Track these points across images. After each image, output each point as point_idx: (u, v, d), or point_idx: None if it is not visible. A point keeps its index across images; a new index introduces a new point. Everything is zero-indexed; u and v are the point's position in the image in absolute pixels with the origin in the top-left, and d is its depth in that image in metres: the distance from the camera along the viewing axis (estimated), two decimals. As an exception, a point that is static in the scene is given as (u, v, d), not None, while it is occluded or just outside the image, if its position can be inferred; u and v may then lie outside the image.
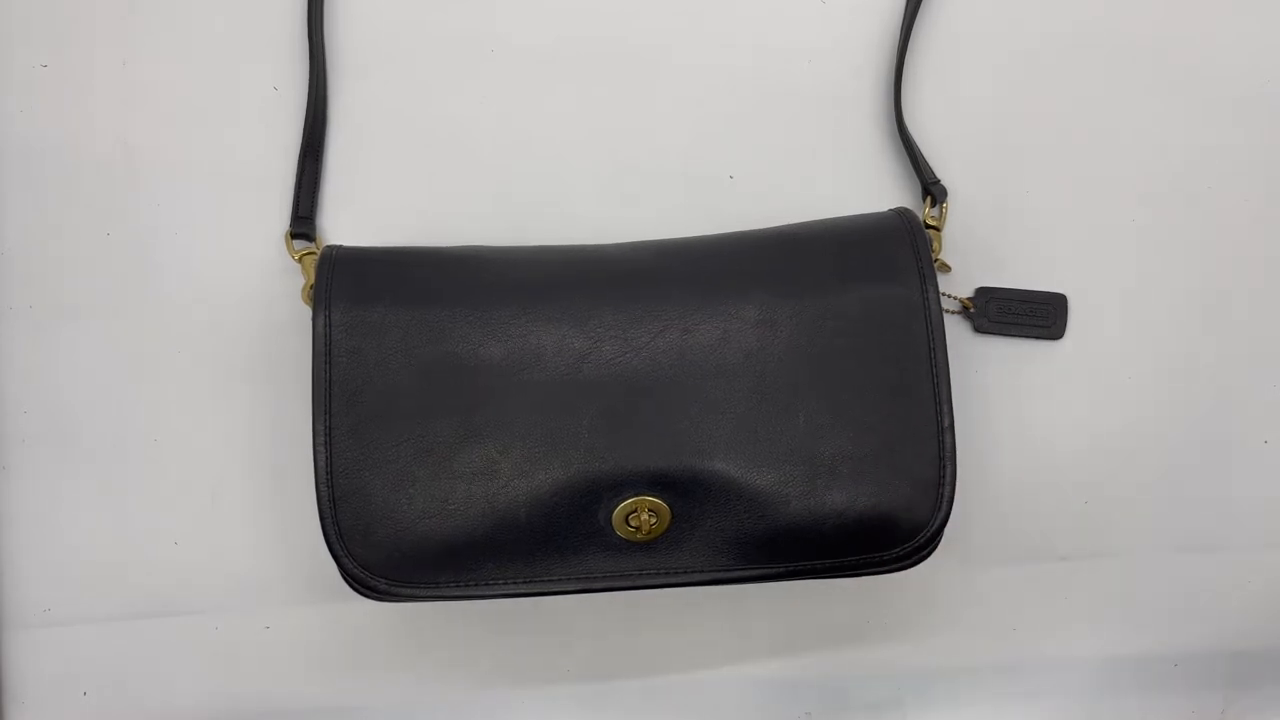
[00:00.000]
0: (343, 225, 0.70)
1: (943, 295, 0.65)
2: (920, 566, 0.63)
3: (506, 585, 0.61)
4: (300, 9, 0.68)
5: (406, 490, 0.60)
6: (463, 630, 0.74)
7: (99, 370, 0.69)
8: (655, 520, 0.60)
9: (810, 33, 0.71)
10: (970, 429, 0.70)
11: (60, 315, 0.69)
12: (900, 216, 0.66)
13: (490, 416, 0.60)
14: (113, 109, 0.68)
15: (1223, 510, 0.76)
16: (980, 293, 0.72)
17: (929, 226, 0.69)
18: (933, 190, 0.70)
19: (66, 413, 0.69)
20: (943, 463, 0.61)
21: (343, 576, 0.62)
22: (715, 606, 0.75)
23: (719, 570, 0.61)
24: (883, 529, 0.61)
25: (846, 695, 0.78)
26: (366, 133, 0.70)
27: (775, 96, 0.71)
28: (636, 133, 0.71)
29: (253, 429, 0.70)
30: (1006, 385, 0.73)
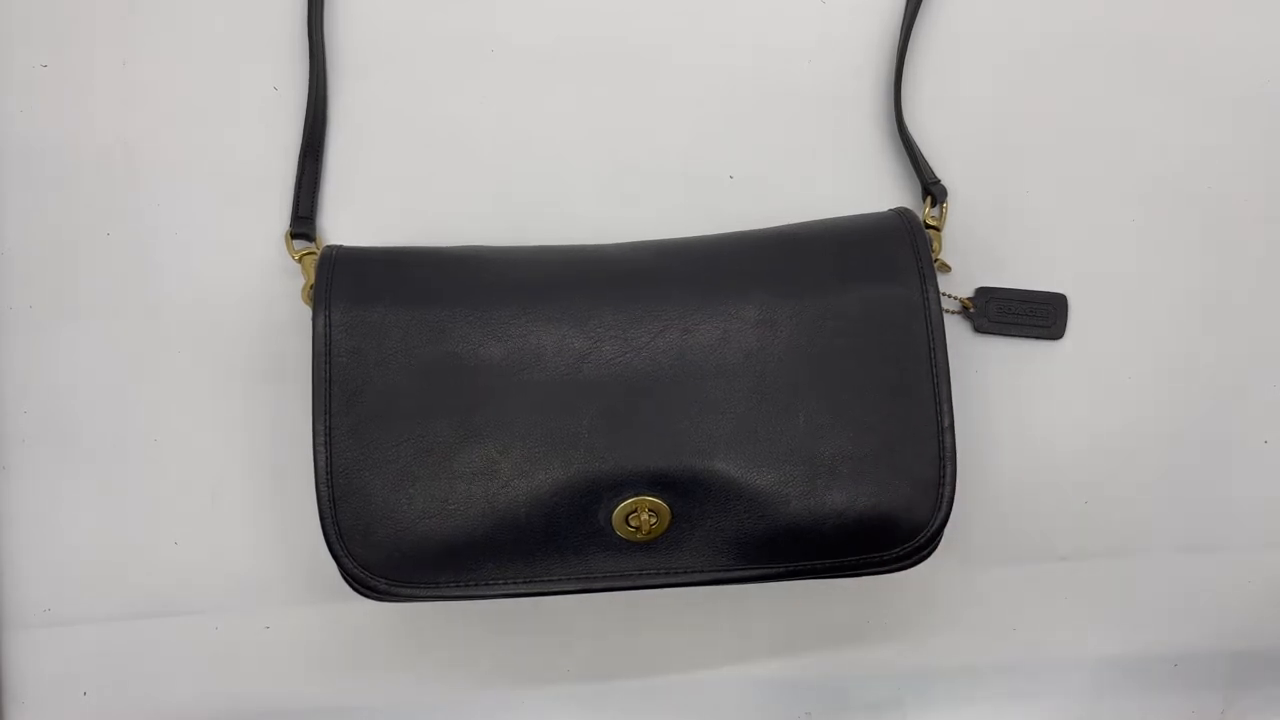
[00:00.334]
0: (343, 225, 0.70)
1: (943, 295, 0.65)
2: (920, 566, 0.63)
3: (506, 585, 0.61)
4: (300, 9, 0.68)
5: (406, 490, 0.60)
6: (463, 630, 0.74)
7: (99, 370, 0.69)
8: (655, 520, 0.60)
9: (810, 33, 0.71)
10: (970, 429, 0.70)
11: (60, 315, 0.69)
12: (900, 216, 0.66)
13: (490, 416, 0.60)
14: (113, 109, 0.68)
15: (1223, 510, 0.76)
16: (980, 293, 0.72)
17: (929, 226, 0.69)
18: (933, 190, 0.70)
19: (66, 413, 0.69)
20: (943, 463, 0.61)
21: (343, 576, 0.62)
22: (715, 606, 0.75)
23: (719, 570, 0.61)
24: (883, 529, 0.61)
25: (846, 695, 0.78)
26: (366, 133, 0.70)
27: (775, 96, 0.71)
28: (636, 133, 0.71)
29: (253, 429, 0.70)
30: (1006, 385, 0.73)
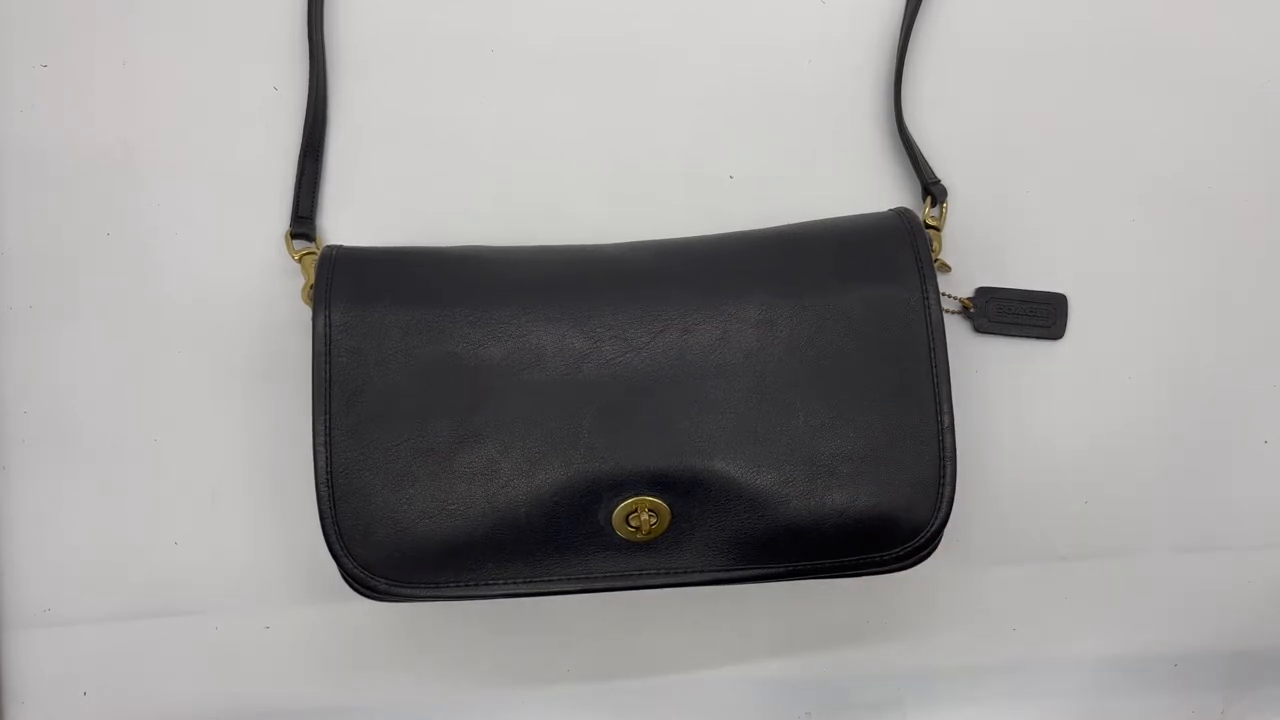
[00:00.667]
0: (343, 225, 0.70)
1: (943, 295, 0.65)
2: (920, 566, 0.63)
3: (507, 585, 0.61)
4: (300, 9, 0.68)
5: (406, 490, 0.60)
6: (463, 630, 0.74)
7: (99, 370, 0.69)
8: (655, 520, 0.60)
9: (810, 33, 0.71)
10: (970, 429, 0.70)
11: (60, 315, 0.69)
12: (900, 216, 0.66)
13: (490, 416, 0.60)
14: (113, 109, 0.68)
15: (1223, 510, 0.76)
16: (980, 293, 0.72)
17: (929, 226, 0.69)
18: (933, 190, 0.70)
19: (66, 413, 0.69)
20: (943, 463, 0.61)
21: (343, 576, 0.62)
22: (715, 606, 0.75)
23: (719, 570, 0.61)
24: (883, 529, 0.61)
25: (846, 695, 0.78)
26: (366, 133, 0.70)
27: (775, 96, 0.71)
28: (636, 133, 0.71)
29: (253, 429, 0.70)
30: (1006, 385, 0.73)
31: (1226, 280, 0.74)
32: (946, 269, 0.71)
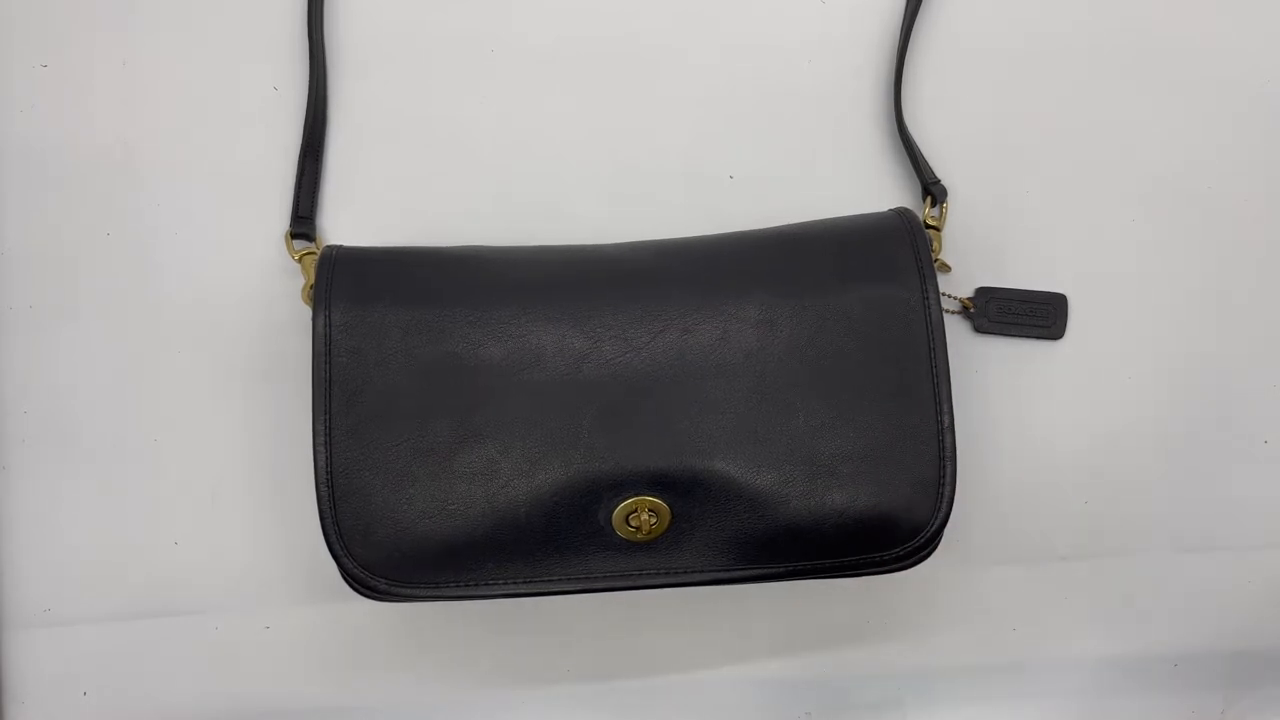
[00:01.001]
0: (343, 225, 0.70)
1: (943, 295, 0.65)
2: (920, 566, 0.63)
3: (507, 585, 0.61)
4: (300, 9, 0.68)
5: (406, 490, 0.60)
6: (463, 630, 0.74)
7: (99, 370, 0.69)
8: (655, 520, 0.60)
9: (810, 33, 0.71)
10: (970, 429, 0.70)
11: (60, 315, 0.69)
12: (900, 216, 0.66)
13: (490, 416, 0.60)
14: (113, 109, 0.68)
15: (1223, 510, 0.76)
16: (980, 293, 0.72)
17: (929, 226, 0.69)
18: (933, 190, 0.70)
19: (66, 413, 0.69)
20: (943, 463, 0.61)
21: (343, 576, 0.62)
22: (715, 606, 0.75)
23: (719, 570, 0.61)
24: (883, 529, 0.61)
25: (846, 695, 0.78)
26: (366, 133, 0.70)
27: (775, 96, 0.71)
28: (636, 133, 0.71)
29: (253, 429, 0.70)
30: (1006, 385, 0.73)
31: (1226, 280, 0.74)
32: (946, 269, 0.71)
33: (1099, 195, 0.73)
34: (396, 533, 0.60)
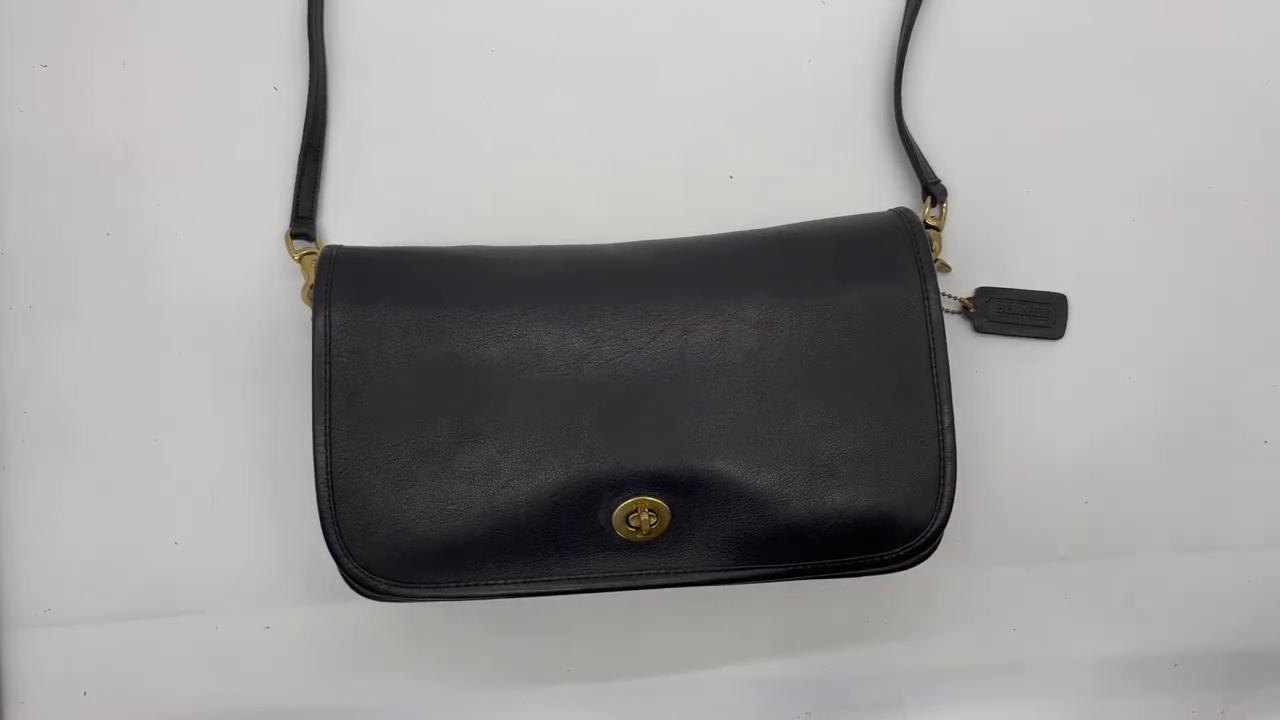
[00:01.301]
0: (343, 225, 0.70)
1: (943, 295, 0.65)
2: (920, 566, 0.63)
3: (507, 585, 0.61)
4: (300, 9, 0.68)
5: (406, 490, 0.60)
6: (463, 630, 0.74)
7: (99, 370, 0.69)
8: (655, 520, 0.60)
9: (810, 33, 0.71)
10: (970, 429, 0.70)
11: (60, 315, 0.69)
12: (900, 216, 0.66)
13: (490, 416, 0.60)
14: (113, 109, 0.68)
15: (1223, 510, 0.76)
16: (980, 293, 0.72)
17: (929, 226, 0.69)
18: (933, 190, 0.70)
19: (66, 413, 0.69)
20: (943, 463, 0.61)
21: (343, 576, 0.62)
22: (715, 606, 0.75)
23: (719, 570, 0.61)
24: (883, 529, 0.61)
25: (846, 695, 0.78)
26: (366, 133, 0.70)
27: (775, 96, 0.71)
28: (636, 133, 0.71)
29: (253, 429, 0.70)
30: (1006, 385, 0.73)
31: (1226, 280, 0.74)
32: (946, 269, 0.71)
33: (1099, 195, 0.73)
34: (396, 533, 0.60)
